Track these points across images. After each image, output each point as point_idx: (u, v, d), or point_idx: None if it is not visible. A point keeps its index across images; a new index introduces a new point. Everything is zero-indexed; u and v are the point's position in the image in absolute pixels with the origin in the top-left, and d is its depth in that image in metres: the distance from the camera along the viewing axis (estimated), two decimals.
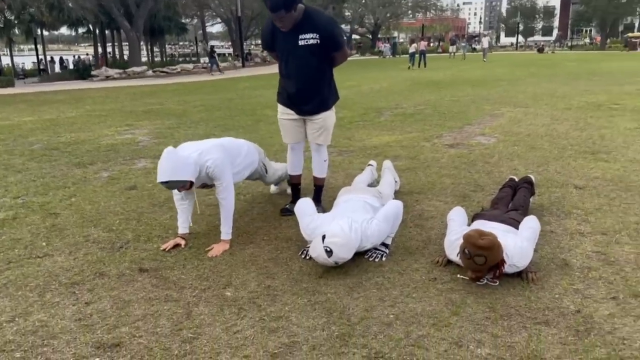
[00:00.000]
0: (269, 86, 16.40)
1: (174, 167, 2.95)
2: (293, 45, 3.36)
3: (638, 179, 4.49)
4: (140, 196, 4.43)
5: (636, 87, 11.81)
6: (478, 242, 2.52)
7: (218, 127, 8.24)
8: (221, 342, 2.24)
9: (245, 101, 12.07)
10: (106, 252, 3.25)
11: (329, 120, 3.65)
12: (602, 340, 2.17)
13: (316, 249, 2.74)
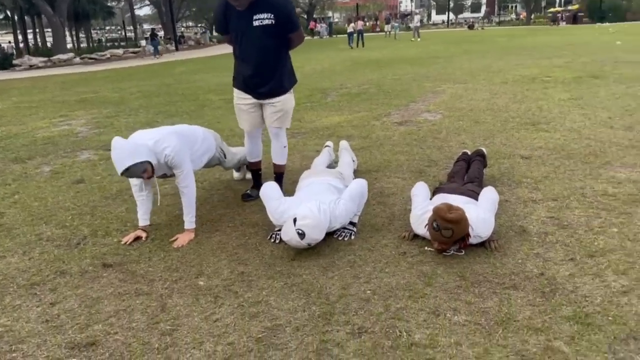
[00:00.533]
0: (207, 69, 16.05)
1: (130, 152, 2.85)
2: (247, 26, 3.28)
3: (578, 147, 4.77)
4: (89, 189, 4.25)
5: (564, 60, 12.44)
6: (447, 215, 2.61)
7: (160, 114, 8.00)
8: (202, 331, 2.22)
9: (184, 86, 11.75)
10: (63, 250, 3.11)
11: (288, 104, 3.61)
12: (567, 299, 2.32)
13: (288, 232, 2.75)
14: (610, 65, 11.01)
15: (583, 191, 3.63)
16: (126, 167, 2.82)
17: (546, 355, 1.95)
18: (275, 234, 3.09)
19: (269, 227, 3.24)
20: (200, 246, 3.06)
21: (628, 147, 4.68)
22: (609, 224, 3.08)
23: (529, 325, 2.14)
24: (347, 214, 3.01)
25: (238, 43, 3.39)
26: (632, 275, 2.48)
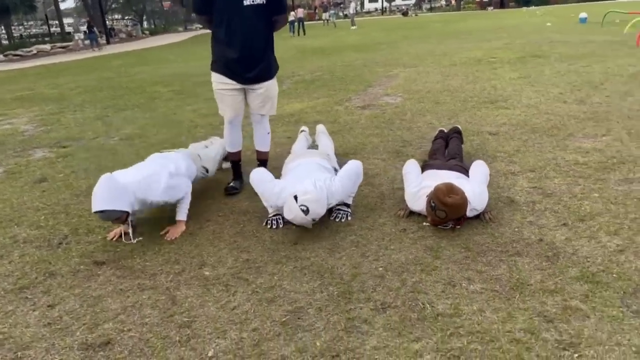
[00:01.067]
0: (146, 62, 15.53)
1: (113, 197, 2.69)
2: (237, 5, 3.14)
3: (539, 121, 4.98)
4: (56, 188, 4.02)
5: (503, 42, 12.92)
6: (445, 199, 2.66)
7: (109, 108, 7.67)
8: (222, 320, 2.16)
9: (126, 79, 11.30)
10: (45, 251, 2.93)
11: (273, 89, 3.52)
12: (571, 262, 2.43)
13: (292, 210, 2.71)
14: (546, 45, 11.54)
15: (556, 162, 3.80)
16: (101, 210, 2.66)
17: (566, 314, 2.04)
18: (271, 220, 3.04)
19: (261, 214, 3.19)
20: (194, 237, 2.97)
21: (585, 119, 4.94)
22: (589, 189, 3.24)
23: (542, 288, 2.22)
24: (344, 190, 3.01)
25: (225, 24, 3.22)
26: (624, 235, 2.63)
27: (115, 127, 6.22)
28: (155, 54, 18.87)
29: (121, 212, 2.70)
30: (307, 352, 1.93)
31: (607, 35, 12.96)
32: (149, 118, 6.65)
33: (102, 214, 2.67)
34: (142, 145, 5.15)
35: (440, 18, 33.48)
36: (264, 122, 3.62)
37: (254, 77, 3.39)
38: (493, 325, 2.00)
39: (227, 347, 1.99)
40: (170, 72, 12.05)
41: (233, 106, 3.49)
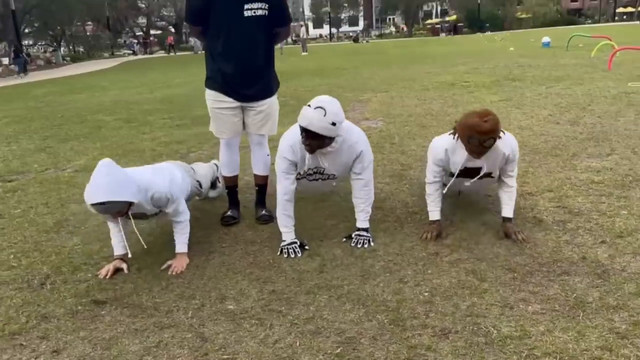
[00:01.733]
0: (77, 90, 15.21)
1: (116, 185, 2.61)
2: (237, 16, 3.17)
3: (538, 142, 5.24)
4: (16, 225, 3.84)
5: (470, 67, 13.56)
6: (483, 126, 2.75)
7: (49, 139, 7.44)
8: (267, 356, 2.12)
9: (60, 108, 11.00)
10: (27, 292, 2.79)
11: (274, 107, 3.55)
12: (623, 278, 2.55)
13: (307, 115, 2.76)
14: (517, 69, 12.21)
15: (571, 181, 4.00)
16: (101, 201, 2.57)
17: (638, 329, 2.13)
18: (287, 249, 3.03)
19: (271, 244, 3.18)
20: (203, 270, 2.91)
21: (584, 140, 5.24)
22: (615, 207, 3.43)
23: (604, 305, 2.32)
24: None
25: (223, 36, 3.24)
26: None
27: (64, 159, 6.04)
28: (85, 81, 18.51)
29: (124, 203, 2.60)
30: None
31: (576, 59, 13.86)
32: (102, 148, 6.50)
33: (101, 206, 2.55)
34: None
35: (394, 44, 34.77)
36: (263, 143, 3.64)
37: (254, 94, 3.41)
38: (567, 345, 2.07)
39: None
40: (110, 100, 11.86)
41: (231, 126, 3.49)
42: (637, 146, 4.84)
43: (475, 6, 54.34)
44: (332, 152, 2.97)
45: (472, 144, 2.87)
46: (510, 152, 3.07)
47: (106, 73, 23.08)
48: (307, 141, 2.86)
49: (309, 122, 2.76)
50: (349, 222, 3.34)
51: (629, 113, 6.35)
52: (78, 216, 3.92)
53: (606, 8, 65.50)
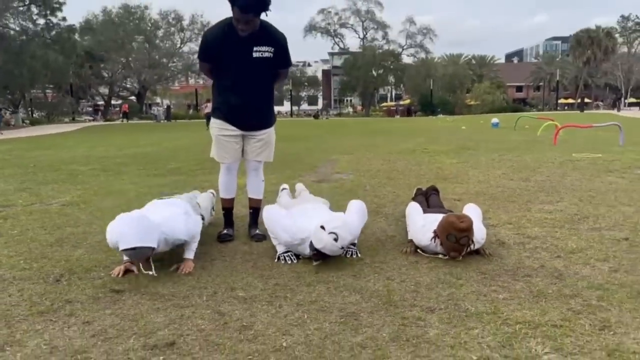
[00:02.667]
0: (43, 147, 15.28)
1: (143, 233, 2.94)
2: (246, 57, 3.63)
3: (495, 192, 5.80)
4: (18, 240, 4.04)
5: (427, 139, 14.45)
6: (461, 226, 3.20)
7: (27, 182, 7.57)
8: (280, 323, 2.43)
9: (30, 160, 11.08)
10: (47, 286, 3.02)
11: (273, 137, 3.99)
12: (576, 278, 3.00)
13: (322, 239, 3.09)
14: (471, 142, 13.09)
15: (527, 217, 4.52)
16: (134, 247, 2.89)
17: (590, 309, 2.56)
18: (284, 256, 3.37)
19: (268, 254, 3.51)
20: (209, 271, 3.21)
21: (535, 191, 5.83)
22: (567, 234, 3.93)
23: (562, 294, 2.76)
24: (358, 226, 3.44)
25: (232, 72, 3.68)
26: (612, 261, 3.28)
27: (47, 196, 6.21)
28: (49, 141, 18.57)
29: (150, 248, 2.93)
30: (378, 338, 2.27)
31: (523, 136, 14.95)
32: (84, 189, 6.70)
33: (132, 251, 2.88)
34: (92, 210, 5.24)
35: (354, 121, 36.19)
36: (259, 169, 4.03)
37: (255, 124, 3.85)
38: (534, 318, 2.47)
39: (297, 340, 2.27)
40: (80, 155, 12.04)
41: (232, 152, 3.88)
42: (583, 196, 5.43)
43: (428, 92, 57.45)
44: None
45: (450, 241, 3.31)
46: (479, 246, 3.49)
47: (70, 135, 23.15)
48: (317, 257, 3.24)
49: (322, 246, 3.16)
50: None
51: (575, 174, 7.05)
52: (77, 235, 4.15)
53: (549, 98, 70.13)
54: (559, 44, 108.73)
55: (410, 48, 64.44)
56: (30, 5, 36.64)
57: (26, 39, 37.16)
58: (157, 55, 51.30)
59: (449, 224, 3.25)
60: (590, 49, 62.15)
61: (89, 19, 48.70)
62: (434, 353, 2.16)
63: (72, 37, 39.48)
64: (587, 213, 4.62)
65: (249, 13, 3.39)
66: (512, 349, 2.18)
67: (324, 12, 64.60)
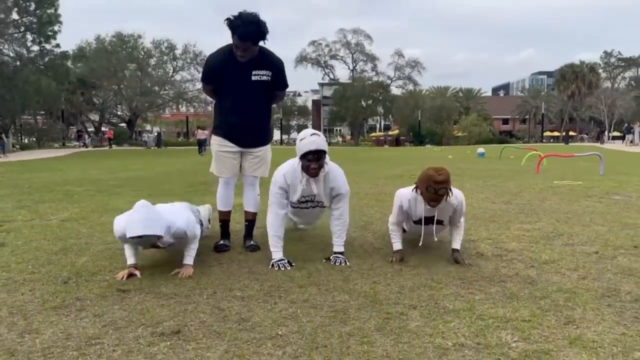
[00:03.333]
0: (35, 170, 15.44)
1: (151, 220, 3.17)
2: (246, 80, 3.92)
3: (477, 212, 6.09)
4: (24, 250, 4.25)
5: (415, 166, 14.78)
6: (439, 178, 3.49)
7: (24, 201, 7.75)
8: (275, 317, 2.67)
9: (24, 181, 11.26)
10: (57, 286, 3.23)
11: (269, 154, 4.27)
12: (547, 284, 3.27)
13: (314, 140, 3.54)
14: (457, 170, 13.43)
15: (506, 234, 4.80)
16: (141, 235, 3.12)
17: (558, 308, 2.82)
18: (278, 264, 3.61)
19: (263, 262, 3.74)
20: (208, 276, 3.44)
21: (516, 213, 6.13)
22: (541, 248, 4.21)
23: (533, 296, 3.02)
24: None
25: (232, 94, 3.99)
26: (581, 270, 3.56)
27: (46, 213, 6.41)
28: (41, 165, 18.72)
29: (156, 236, 3.15)
30: (365, 329, 2.51)
31: (508, 165, 15.35)
32: (81, 207, 6.90)
33: (139, 239, 3.11)
34: (91, 224, 5.45)
35: (343, 149, 36.62)
36: (255, 184, 4.29)
37: (252, 141, 4.13)
38: (506, 314, 2.72)
39: (291, 330, 2.51)
40: (74, 177, 12.22)
41: (229, 168, 4.15)
42: (560, 218, 5.73)
43: (416, 122, 58.30)
44: (321, 178, 3.65)
45: (429, 193, 3.62)
46: (458, 203, 3.83)
47: (61, 160, 23.29)
48: (316, 164, 3.55)
49: (317, 145, 3.51)
50: (327, 251, 3.95)
51: (554, 198, 7.37)
52: (80, 245, 4.36)
53: (535, 131, 71.33)
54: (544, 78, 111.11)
55: (398, 80, 65.54)
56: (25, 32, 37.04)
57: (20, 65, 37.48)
58: (149, 83, 51.76)
59: (428, 177, 3.54)
60: (575, 83, 63.55)
61: (82, 47, 49.17)
62: (414, 340, 2.40)
63: (65, 63, 39.84)
64: (562, 231, 4.91)
65: (247, 41, 3.71)
66: (485, 338, 2.43)
67: (314, 43, 65.65)
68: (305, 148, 3.53)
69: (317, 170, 3.59)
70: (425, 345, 2.35)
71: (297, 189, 3.71)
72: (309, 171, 3.58)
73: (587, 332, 2.50)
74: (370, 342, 2.38)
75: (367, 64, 65.53)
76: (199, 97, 52.57)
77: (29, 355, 2.25)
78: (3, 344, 2.36)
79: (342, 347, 2.32)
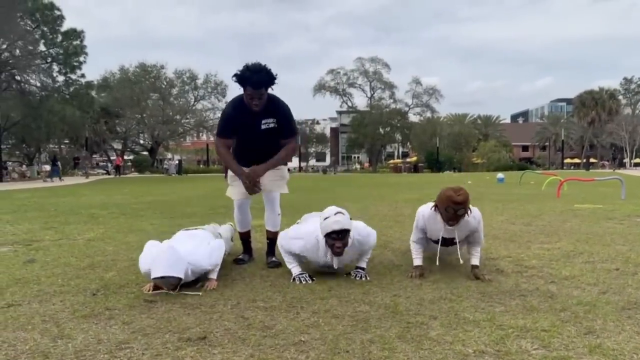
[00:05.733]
0: (60, 195, 15.73)
1: (173, 263, 3.31)
2: (256, 129, 4.10)
3: (497, 233, 6.10)
4: (54, 264, 4.37)
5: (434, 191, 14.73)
6: (458, 199, 3.52)
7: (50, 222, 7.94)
8: (297, 325, 2.73)
9: (49, 204, 11.51)
10: (86, 297, 3.33)
11: (285, 172, 4.38)
12: (567, 297, 3.28)
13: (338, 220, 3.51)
14: (475, 194, 13.40)
15: (526, 253, 4.81)
16: (163, 276, 3.27)
17: (578, 319, 2.84)
18: (299, 277, 3.68)
19: (284, 276, 3.81)
20: (232, 288, 3.52)
21: (536, 234, 6.13)
22: (562, 265, 4.22)
23: (553, 308, 3.04)
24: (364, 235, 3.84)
25: (243, 141, 4.19)
26: (601, 285, 3.56)
27: (73, 233, 6.56)
28: (66, 190, 19.07)
29: (177, 278, 3.28)
30: (386, 337, 2.55)
31: (528, 190, 15.28)
32: (106, 228, 7.05)
33: (162, 279, 3.25)
34: (117, 243, 5.58)
35: (362, 176, 36.73)
36: (275, 203, 4.36)
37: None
38: (526, 325, 2.75)
39: (313, 337, 2.56)
40: (98, 202, 12.45)
41: (241, 190, 4.22)
42: (581, 238, 5.72)
43: (434, 149, 58.23)
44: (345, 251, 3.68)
45: (448, 213, 3.67)
46: (477, 224, 3.87)
47: (85, 185, 23.72)
48: (340, 243, 3.56)
49: (341, 225, 3.53)
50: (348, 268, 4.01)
51: (575, 220, 7.35)
52: (107, 261, 4.48)
53: (555, 157, 70.78)
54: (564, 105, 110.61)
55: (416, 107, 65.69)
56: (52, 63, 38.08)
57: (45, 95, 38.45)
58: (170, 112, 52.65)
59: (447, 197, 3.57)
60: (595, 110, 63.19)
61: (106, 77, 50.36)
62: (435, 347, 2.44)
63: (90, 93, 40.77)
64: (583, 250, 4.90)
65: (260, 88, 3.90)
66: (505, 346, 2.46)
67: (333, 72, 66.30)
68: (329, 228, 3.57)
69: (341, 250, 3.61)
70: (446, 352, 2.38)
71: (319, 261, 3.79)
72: (334, 250, 3.61)
73: (607, 342, 2.52)
74: (392, 348, 2.42)
75: (384, 91, 65.90)
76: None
77: (62, 357, 2.34)
78: (37, 348, 2.45)
79: (363, 352, 2.37)
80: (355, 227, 3.72)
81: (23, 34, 35.15)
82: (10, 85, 37.05)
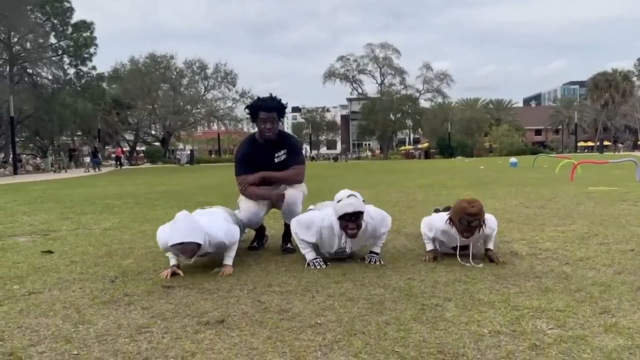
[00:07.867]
0: (75, 187, 15.90)
1: (191, 229, 3.36)
2: (270, 162, 4.24)
3: (511, 216, 6.10)
4: (71, 254, 4.44)
5: (446, 176, 14.76)
6: (472, 210, 3.52)
7: (66, 213, 8.03)
8: (313, 308, 2.76)
9: (64, 196, 11.64)
10: (104, 284, 3.39)
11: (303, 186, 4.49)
12: (582, 278, 3.28)
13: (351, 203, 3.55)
14: (488, 178, 13.38)
15: (540, 235, 4.80)
16: (181, 242, 3.30)
17: (593, 299, 2.84)
18: (313, 262, 3.71)
19: (299, 262, 3.84)
20: (247, 274, 3.55)
21: (550, 216, 6.11)
22: (577, 247, 4.21)
23: (568, 289, 3.04)
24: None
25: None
26: (616, 266, 3.56)
27: (89, 223, 6.64)
28: (80, 182, 19.26)
29: (197, 244, 3.31)
30: (401, 318, 2.58)
31: (541, 174, 15.19)
32: (122, 218, 7.13)
33: (180, 245, 3.27)
34: (133, 232, 5.65)
35: (373, 163, 36.70)
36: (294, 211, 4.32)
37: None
38: (541, 305, 2.76)
39: (329, 319, 2.59)
40: (112, 192, 12.56)
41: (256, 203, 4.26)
42: (595, 220, 5.70)
43: (446, 135, 57.97)
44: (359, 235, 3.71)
45: (462, 224, 3.66)
46: (491, 232, 3.85)
47: (99, 177, 23.93)
48: (354, 225, 3.59)
49: (354, 207, 3.56)
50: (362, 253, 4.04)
51: (589, 202, 7.31)
52: (124, 250, 4.54)
53: (568, 141, 70.18)
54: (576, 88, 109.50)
55: (427, 93, 65.32)
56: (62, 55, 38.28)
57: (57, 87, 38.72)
58: (181, 102, 52.84)
59: (461, 209, 3.57)
60: (608, 92, 62.43)
61: (117, 68, 50.59)
62: (450, 328, 2.46)
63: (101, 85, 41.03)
64: (598, 232, 4.89)
65: (272, 112, 4.09)
66: (520, 326, 2.47)
67: (342, 59, 66.01)
68: (342, 210, 3.59)
69: (355, 231, 3.64)
70: (462, 332, 2.40)
71: (333, 244, 3.80)
72: (347, 232, 3.64)
73: (622, 320, 2.52)
74: (407, 329, 2.45)
75: (395, 77, 65.58)
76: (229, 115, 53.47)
77: (84, 341, 2.39)
78: (60, 333, 2.50)
79: (379, 333, 2.40)
80: (368, 212, 3.73)
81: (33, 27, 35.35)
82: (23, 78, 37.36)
